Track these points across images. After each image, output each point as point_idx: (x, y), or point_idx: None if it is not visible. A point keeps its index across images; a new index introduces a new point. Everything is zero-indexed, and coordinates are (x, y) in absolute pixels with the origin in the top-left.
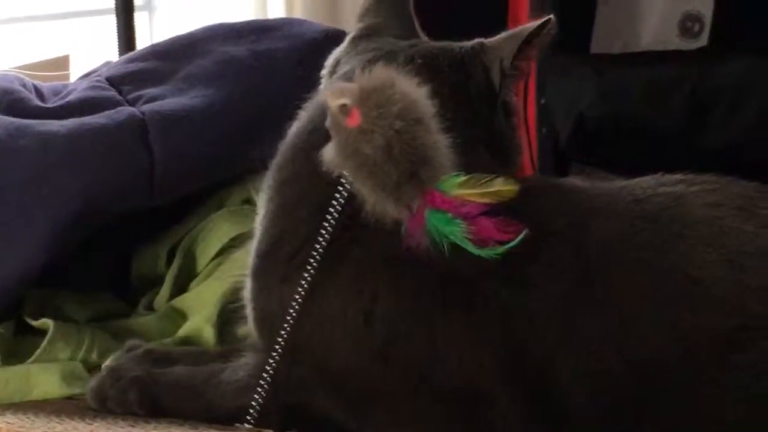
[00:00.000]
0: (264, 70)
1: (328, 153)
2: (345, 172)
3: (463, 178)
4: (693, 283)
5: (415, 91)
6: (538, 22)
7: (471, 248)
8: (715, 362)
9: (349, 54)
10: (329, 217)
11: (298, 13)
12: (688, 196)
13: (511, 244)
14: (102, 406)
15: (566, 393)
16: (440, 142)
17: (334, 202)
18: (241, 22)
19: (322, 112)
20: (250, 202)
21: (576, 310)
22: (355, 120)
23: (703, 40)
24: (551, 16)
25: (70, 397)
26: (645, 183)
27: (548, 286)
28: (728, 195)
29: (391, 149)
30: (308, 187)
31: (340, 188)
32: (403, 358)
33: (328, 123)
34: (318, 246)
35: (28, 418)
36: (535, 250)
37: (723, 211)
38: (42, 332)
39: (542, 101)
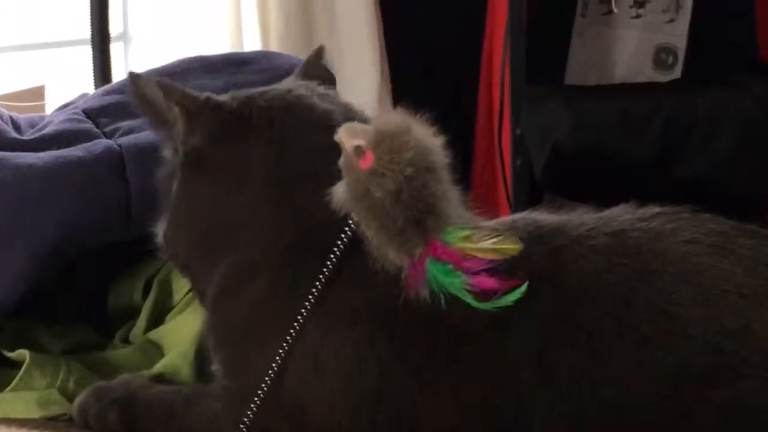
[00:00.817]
0: None
1: (338, 192)
2: (353, 213)
3: (468, 232)
4: (668, 321)
5: (429, 140)
6: None
7: (470, 300)
8: (690, 400)
9: None
10: (332, 256)
11: (273, 45)
12: (665, 232)
13: (511, 297)
14: (85, 423)
15: None
16: (449, 193)
17: (339, 242)
18: (217, 55)
19: None
20: None
21: (551, 350)
22: (367, 162)
23: (676, 72)
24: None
25: (50, 418)
26: (621, 216)
27: (525, 327)
28: (705, 232)
29: (400, 195)
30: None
31: (346, 228)
32: (393, 404)
33: (340, 162)
34: (318, 285)
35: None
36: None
37: (699, 248)
38: (18, 364)
39: (517, 132)
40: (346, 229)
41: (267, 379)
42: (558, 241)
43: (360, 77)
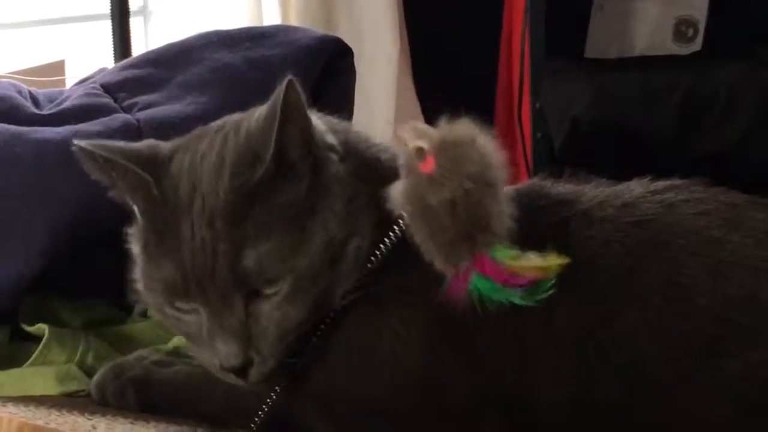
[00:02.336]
0: (258, 78)
1: (395, 191)
2: (405, 215)
3: (516, 252)
4: (677, 290)
5: (491, 154)
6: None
7: (520, 302)
8: (698, 368)
9: None
10: (378, 253)
11: (293, 20)
12: (677, 204)
13: (548, 282)
14: (103, 400)
15: (545, 396)
16: (504, 212)
17: (387, 240)
18: (235, 29)
19: None
20: None
21: (558, 311)
22: (428, 167)
23: (697, 45)
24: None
25: (68, 395)
26: (635, 188)
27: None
28: (716, 205)
29: (455, 207)
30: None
31: (396, 228)
32: (434, 383)
33: (401, 161)
34: (365, 275)
35: (29, 409)
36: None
37: (710, 220)
38: (37, 338)
39: (537, 105)
40: (396, 228)
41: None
42: (567, 211)
43: (378, 52)
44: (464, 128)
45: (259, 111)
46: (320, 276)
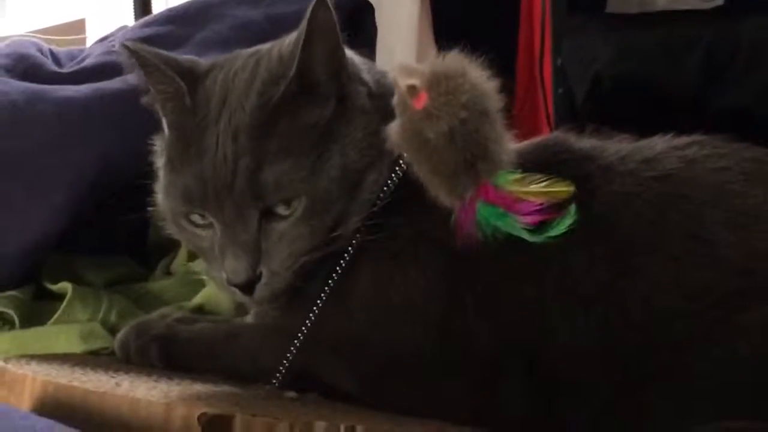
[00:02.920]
0: (278, 34)
1: (392, 131)
2: (405, 153)
3: (519, 175)
4: (698, 243)
5: (484, 83)
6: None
7: (527, 236)
8: (719, 321)
9: None
10: (382, 195)
11: None
12: (699, 159)
13: (563, 224)
14: (126, 358)
15: (564, 348)
16: (502, 137)
17: (390, 182)
18: None
19: None
20: None
21: (577, 261)
22: (421, 102)
23: (719, 0)
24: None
25: (91, 353)
26: (657, 144)
27: (550, 245)
28: (738, 160)
29: (453, 137)
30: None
31: (397, 168)
32: (456, 330)
33: (394, 101)
34: (371, 221)
35: (52, 367)
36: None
37: (730, 174)
38: (61, 297)
39: (558, 62)
40: (397, 169)
41: (315, 309)
42: (590, 165)
43: (399, 9)
44: (454, 61)
45: (293, 34)
46: (335, 202)
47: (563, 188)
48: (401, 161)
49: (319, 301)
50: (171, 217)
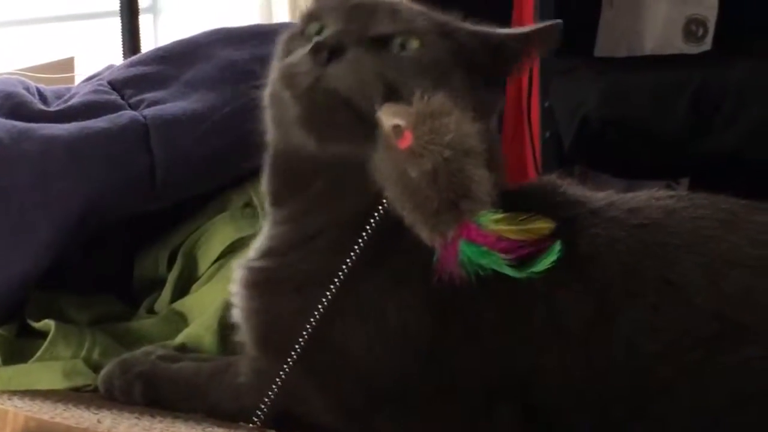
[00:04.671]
0: (265, 74)
1: (374, 169)
2: (386, 192)
3: (501, 216)
4: (672, 289)
5: (468, 124)
6: (547, 24)
7: (511, 272)
8: (696, 363)
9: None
10: (368, 227)
11: None
12: (677, 210)
13: (547, 259)
14: (110, 395)
15: (553, 385)
16: (485, 177)
17: (371, 220)
18: (243, 27)
19: None
20: (251, 205)
21: (562, 299)
22: (406, 141)
23: (707, 44)
24: (559, 21)
25: (74, 389)
26: (642, 195)
27: (537, 282)
28: (715, 210)
29: (437, 176)
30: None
31: (379, 206)
32: (442, 363)
33: (378, 140)
34: (353, 255)
35: (34, 403)
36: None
37: (708, 222)
38: (44, 334)
39: (546, 104)
40: (380, 207)
41: (298, 346)
42: (578, 209)
43: None
44: (439, 102)
45: None
46: None
47: (544, 225)
48: (384, 199)
49: (301, 339)
50: None
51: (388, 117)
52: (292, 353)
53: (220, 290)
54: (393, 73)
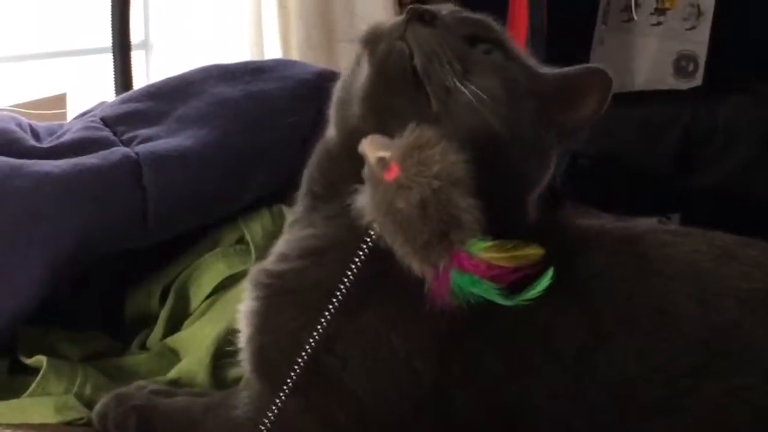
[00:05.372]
0: (257, 111)
1: (361, 202)
2: (374, 224)
3: (490, 243)
4: (662, 318)
5: (454, 154)
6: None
7: (502, 301)
8: (685, 392)
9: None
10: (357, 260)
11: (294, 54)
12: (673, 243)
13: (538, 287)
14: (104, 428)
15: (543, 410)
16: (473, 207)
17: (360, 252)
18: (235, 63)
19: None
20: (243, 241)
21: (557, 325)
22: (392, 174)
23: (697, 80)
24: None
25: (66, 423)
26: (639, 226)
27: (534, 306)
28: (709, 244)
29: (425, 207)
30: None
31: (368, 239)
32: (440, 392)
33: (364, 174)
34: (342, 288)
35: None
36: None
37: (702, 255)
38: (35, 370)
39: None
40: (368, 239)
41: (294, 374)
42: (576, 236)
43: None
44: (425, 133)
45: None
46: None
47: (533, 251)
48: (371, 232)
49: (299, 363)
50: None
51: (372, 149)
52: (289, 381)
53: (211, 328)
54: (470, 65)
